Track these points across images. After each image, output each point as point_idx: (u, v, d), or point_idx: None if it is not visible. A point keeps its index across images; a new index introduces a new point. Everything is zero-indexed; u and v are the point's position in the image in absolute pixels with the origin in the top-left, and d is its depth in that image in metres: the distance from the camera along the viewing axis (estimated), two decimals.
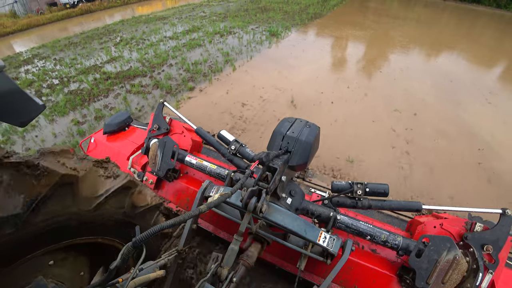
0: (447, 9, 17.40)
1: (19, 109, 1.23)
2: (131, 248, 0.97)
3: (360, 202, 1.75)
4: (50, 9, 17.91)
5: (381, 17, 13.62)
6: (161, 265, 1.40)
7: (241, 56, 8.22)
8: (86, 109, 6.14)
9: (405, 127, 4.90)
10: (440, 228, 1.65)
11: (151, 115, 2.46)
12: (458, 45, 9.91)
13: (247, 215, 1.39)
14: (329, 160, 4.15)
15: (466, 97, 6.09)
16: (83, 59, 9.29)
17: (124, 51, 9.60)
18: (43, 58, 9.86)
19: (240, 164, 2.00)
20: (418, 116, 5.25)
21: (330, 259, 1.50)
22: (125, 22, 13.95)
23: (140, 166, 2.36)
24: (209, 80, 6.78)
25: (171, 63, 8.11)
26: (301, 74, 6.93)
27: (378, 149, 4.44)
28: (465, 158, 4.32)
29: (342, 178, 3.91)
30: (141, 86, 6.86)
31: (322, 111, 5.32)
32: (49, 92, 7.05)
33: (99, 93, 6.74)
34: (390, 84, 6.61)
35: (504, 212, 1.49)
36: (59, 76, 8.06)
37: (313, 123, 1.86)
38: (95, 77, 7.70)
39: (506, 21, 15.15)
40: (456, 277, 1.44)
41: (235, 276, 1.33)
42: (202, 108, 5.56)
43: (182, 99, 6.09)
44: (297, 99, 5.70)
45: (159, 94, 6.43)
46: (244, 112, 5.34)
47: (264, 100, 5.78)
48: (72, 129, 5.54)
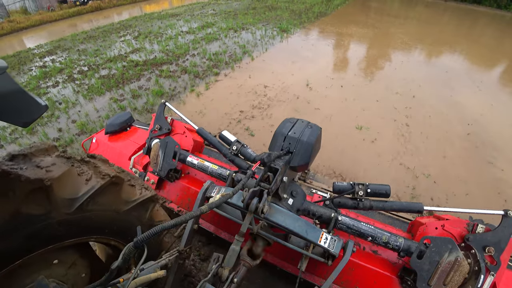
0: (448, 9, 17.68)
1: (21, 110, 1.23)
2: (133, 248, 0.97)
3: (362, 203, 1.75)
4: (61, 6, 18.26)
5: (383, 16, 14.25)
6: (162, 265, 1.40)
7: (257, 48, 8.84)
8: (122, 89, 6.69)
9: (404, 106, 5.72)
10: (441, 230, 1.64)
11: (153, 115, 2.46)
12: (456, 43, 10.41)
13: (249, 216, 1.39)
14: (340, 128, 5.01)
15: (459, 85, 6.86)
16: (106, 50, 9.74)
17: (145, 43, 10.04)
18: (66, 50, 10.18)
19: (241, 165, 2.00)
20: (416, 98, 6.10)
21: (331, 260, 1.50)
22: (138, 19, 14.34)
23: (142, 166, 2.36)
24: (231, 67, 7.43)
25: (193, 53, 8.65)
26: (312, 64, 7.73)
27: (382, 121, 5.25)
28: (456, 130, 5.11)
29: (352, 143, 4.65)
30: (170, 71, 7.41)
31: (334, 92, 6.26)
32: (81, 77, 7.57)
33: (131, 77, 7.26)
34: (391, 73, 7.44)
35: (506, 213, 1.48)
36: (87, 64, 8.48)
37: (315, 124, 1.86)
38: (123, 64, 8.17)
39: (506, 21, 15.40)
40: (458, 278, 1.44)
41: (236, 277, 1.34)
42: (230, 89, 6.31)
43: (210, 81, 6.73)
44: (311, 83, 6.53)
45: (188, 78, 6.99)
46: (267, 92, 6.16)
47: (283, 83, 6.55)
48: (112, 105, 6.01)
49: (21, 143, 4.93)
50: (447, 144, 4.73)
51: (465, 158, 4.46)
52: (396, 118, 5.32)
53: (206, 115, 5.35)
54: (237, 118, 5.21)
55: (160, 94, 6.24)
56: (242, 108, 5.53)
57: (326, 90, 6.32)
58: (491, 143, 4.76)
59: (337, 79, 6.88)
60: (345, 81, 6.76)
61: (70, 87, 7.02)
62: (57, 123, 5.50)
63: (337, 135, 4.74)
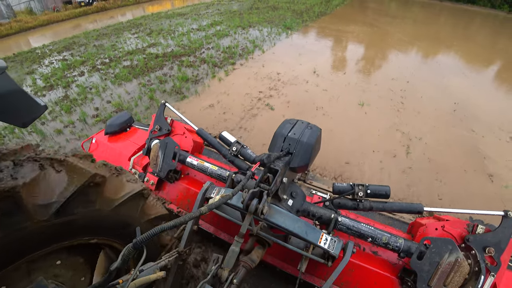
0: (443, 9, 18.64)
1: (21, 110, 1.23)
2: (132, 249, 0.97)
3: (361, 203, 1.75)
4: (66, 7, 18.52)
5: (380, 16, 15.01)
6: (161, 266, 1.39)
7: (266, 43, 9.66)
8: (148, 76, 7.32)
9: (399, 89, 6.68)
10: (441, 230, 1.64)
11: (153, 116, 2.46)
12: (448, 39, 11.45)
13: (248, 217, 1.39)
14: (346, 105, 5.87)
15: (449, 73, 7.85)
16: (122, 45, 10.21)
17: (160, 39, 10.54)
18: (82, 45, 10.62)
19: (241, 166, 2.00)
20: (409, 83, 7.04)
21: (331, 261, 1.50)
22: (146, 18, 14.78)
23: (141, 167, 2.36)
24: (245, 58, 8.24)
25: (208, 47, 9.36)
26: (317, 56, 8.64)
27: (380, 99, 6.14)
28: (444, 107, 5.95)
29: (356, 115, 5.48)
30: (190, 62, 8.07)
31: (338, 78, 7.22)
32: (105, 67, 8.08)
33: (154, 67, 7.87)
34: (387, 63, 8.49)
35: (506, 214, 1.48)
36: (108, 56, 9.00)
37: (315, 125, 1.86)
38: (143, 56, 8.73)
39: (499, 20, 16.35)
40: (458, 279, 1.43)
41: (235, 278, 1.33)
42: (246, 75, 7.16)
43: (229, 70, 7.49)
44: (318, 71, 7.46)
45: (207, 67, 7.70)
46: (280, 77, 7.04)
47: (293, 71, 7.41)
48: (142, 89, 6.62)
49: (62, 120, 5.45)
50: (436, 117, 5.56)
51: (451, 127, 5.29)
52: (392, 98, 6.22)
53: (230, 95, 6.13)
54: (257, 97, 6.05)
55: (185, 79, 6.84)
56: (260, 89, 6.37)
57: (331, 76, 7.27)
58: (473, 117, 5.67)
59: (340, 68, 7.91)
60: (348, 69, 7.77)
61: (97, 76, 7.53)
62: (93, 104, 6.06)
63: (344, 109, 5.69)
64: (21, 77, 7.91)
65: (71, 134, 5.03)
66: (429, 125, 5.26)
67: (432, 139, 4.84)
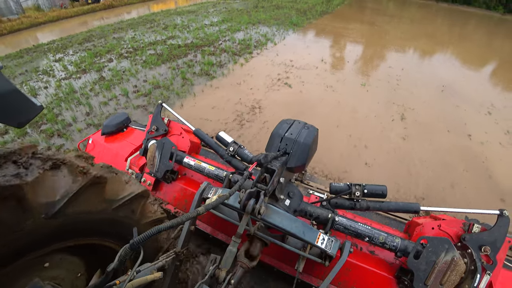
0: (440, 10, 19.85)
1: (17, 110, 1.22)
2: (129, 250, 0.96)
3: (358, 203, 1.75)
4: (73, 4, 18.82)
5: (379, 15, 16.16)
6: (158, 267, 1.39)
7: (276, 37, 10.69)
8: (175, 62, 8.14)
9: (395, 74, 7.90)
10: (438, 230, 1.65)
11: (149, 116, 2.45)
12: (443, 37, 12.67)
13: (245, 217, 1.39)
14: (352, 85, 7.07)
15: (439, 63, 9.24)
16: (142, 37, 10.83)
17: (177, 33, 11.25)
18: (102, 38, 11.08)
19: (238, 166, 2.00)
20: (404, 70, 8.28)
21: (328, 261, 1.50)
22: (157, 14, 15.32)
23: (138, 167, 2.35)
24: (260, 49, 9.32)
25: (224, 39, 10.23)
26: (324, 48, 9.93)
27: (379, 82, 7.36)
28: (434, 88, 7.24)
29: (360, 92, 6.72)
30: (210, 51, 8.97)
31: (343, 65, 8.47)
32: (132, 55, 8.85)
33: (178, 55, 8.73)
34: (385, 55, 9.68)
35: (501, 213, 1.50)
36: (131, 47, 9.68)
37: (312, 125, 1.86)
38: (165, 46, 9.48)
39: (494, 21, 17.55)
40: (454, 278, 1.44)
41: (233, 278, 1.33)
42: (264, 61, 8.23)
43: (247, 57, 8.50)
44: (325, 59, 8.72)
45: (228, 55, 8.63)
46: (293, 64, 8.14)
47: (303, 59, 8.55)
48: (173, 72, 7.46)
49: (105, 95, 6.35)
50: (426, 95, 6.79)
51: (439, 103, 6.47)
52: (389, 81, 7.43)
53: (253, 76, 7.24)
54: (276, 77, 7.21)
55: (211, 64, 7.80)
56: (278, 72, 7.54)
57: (337, 64, 8.58)
58: (459, 95, 6.93)
59: (344, 58, 9.15)
60: (351, 59, 9.00)
61: (126, 62, 8.26)
62: (129, 83, 6.90)
63: (350, 88, 6.96)
64: (50, 64, 8.45)
65: (117, 105, 5.92)
66: (420, 101, 6.48)
67: (422, 110, 6.03)
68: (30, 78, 7.46)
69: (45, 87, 6.89)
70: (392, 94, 6.63)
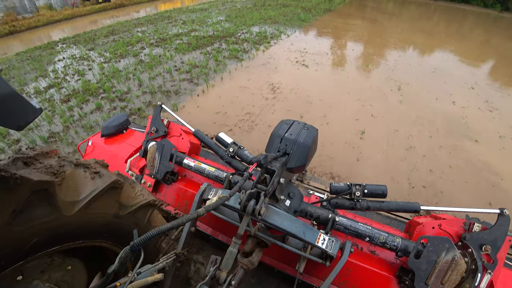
0: (438, 8, 20.77)
1: (15, 113, 1.21)
2: (129, 251, 0.96)
3: (359, 203, 1.75)
4: (84, 3, 19.27)
5: (379, 13, 17.38)
6: (159, 268, 1.39)
7: (288, 31, 11.77)
8: (204, 49, 9.19)
9: (393, 59, 9.25)
10: (438, 229, 1.65)
11: (149, 118, 2.45)
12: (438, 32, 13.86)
13: (246, 218, 1.39)
14: (355, 65, 8.55)
15: (432, 53, 10.48)
16: (165, 31, 11.57)
17: (196, 27, 12.12)
18: (125, 31, 11.72)
19: (238, 167, 1.99)
20: (401, 57, 9.63)
21: (329, 261, 1.50)
22: (171, 12, 16.04)
23: (138, 169, 2.35)
24: (276, 40, 10.44)
25: (242, 32, 11.28)
26: (332, 39, 11.12)
27: (379, 64, 8.75)
28: (426, 70, 8.56)
29: (363, 74, 8.00)
30: (233, 40, 10.02)
31: (349, 52, 9.74)
32: (162, 44, 9.78)
33: (205, 44, 9.73)
34: (384, 46, 10.84)
35: (502, 212, 1.49)
36: (158, 38, 10.50)
37: (311, 125, 1.87)
38: (190, 38, 10.38)
39: (491, 18, 18.56)
40: (455, 277, 1.44)
41: (233, 279, 1.32)
42: (282, 49, 9.48)
43: (267, 46, 9.69)
44: (334, 48, 10.05)
45: (249, 44, 9.78)
46: (307, 51, 9.45)
47: (314, 48, 9.85)
48: (205, 56, 8.56)
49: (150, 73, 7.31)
50: (419, 75, 8.12)
51: (430, 80, 7.80)
52: (388, 64, 8.83)
53: (275, 59, 8.51)
54: (294, 60, 8.48)
55: (237, 51, 8.94)
56: (295, 56, 8.85)
57: (344, 51, 9.88)
58: (448, 75, 8.24)
59: (349, 47, 10.31)
60: (355, 48, 10.24)
61: (158, 49, 9.18)
62: (168, 64, 7.85)
63: (355, 68, 8.41)
64: (84, 52, 9.21)
65: (164, 79, 6.98)
66: (413, 78, 7.82)
67: (416, 85, 7.36)
68: (70, 63, 8.35)
69: (89, 68, 7.81)
70: (390, 73, 8.06)
